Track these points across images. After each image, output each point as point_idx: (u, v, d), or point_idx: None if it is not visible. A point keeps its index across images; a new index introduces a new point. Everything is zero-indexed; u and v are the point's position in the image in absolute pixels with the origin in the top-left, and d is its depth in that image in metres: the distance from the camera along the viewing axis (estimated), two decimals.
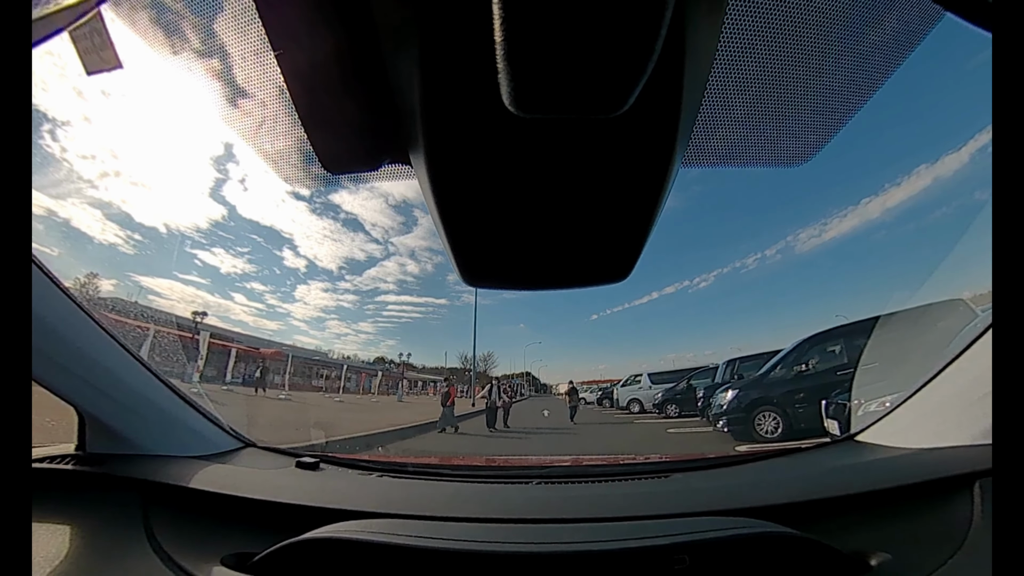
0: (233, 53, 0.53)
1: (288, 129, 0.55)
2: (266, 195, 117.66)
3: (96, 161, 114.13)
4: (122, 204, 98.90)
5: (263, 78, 0.52)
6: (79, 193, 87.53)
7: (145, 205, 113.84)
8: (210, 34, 0.54)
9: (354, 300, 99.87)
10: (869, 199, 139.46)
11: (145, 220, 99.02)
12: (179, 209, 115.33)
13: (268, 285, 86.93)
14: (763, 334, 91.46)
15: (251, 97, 0.54)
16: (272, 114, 0.54)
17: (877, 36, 0.52)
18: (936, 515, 0.84)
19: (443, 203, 0.45)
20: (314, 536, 0.77)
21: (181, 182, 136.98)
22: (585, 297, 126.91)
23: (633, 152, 0.41)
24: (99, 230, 72.02)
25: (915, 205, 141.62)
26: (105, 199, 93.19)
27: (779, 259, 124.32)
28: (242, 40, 0.51)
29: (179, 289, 64.92)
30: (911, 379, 1.10)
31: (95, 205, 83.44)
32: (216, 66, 0.55)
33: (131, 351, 1.08)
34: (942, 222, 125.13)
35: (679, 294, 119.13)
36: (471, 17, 0.31)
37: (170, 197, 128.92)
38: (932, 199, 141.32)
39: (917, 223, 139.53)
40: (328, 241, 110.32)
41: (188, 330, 19.96)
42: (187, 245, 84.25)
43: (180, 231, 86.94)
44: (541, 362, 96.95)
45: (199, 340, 19.69)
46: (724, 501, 0.93)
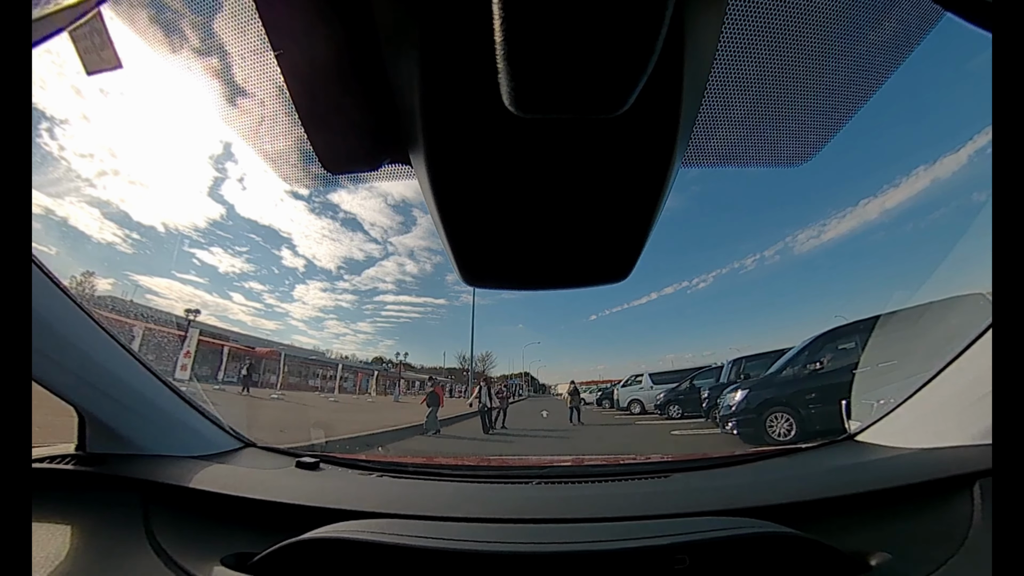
0: (233, 53, 0.53)
1: (288, 129, 0.55)
2: (264, 194, 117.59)
3: (94, 160, 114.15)
4: (120, 203, 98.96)
5: (263, 78, 0.52)
6: (77, 191, 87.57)
7: (143, 204, 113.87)
8: (210, 34, 0.54)
9: (352, 300, 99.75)
10: (868, 200, 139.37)
11: (143, 219, 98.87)
12: (177, 208, 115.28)
13: (266, 285, 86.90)
14: (762, 335, 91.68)
15: (251, 97, 0.54)
16: (272, 114, 0.54)
17: (877, 36, 0.52)
18: (936, 515, 0.84)
19: (443, 203, 0.45)
20: (314, 536, 0.77)
21: (180, 181, 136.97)
22: (584, 297, 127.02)
23: (633, 152, 0.41)
24: (97, 229, 72.05)
25: (914, 206, 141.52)
26: (103, 197, 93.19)
27: (778, 260, 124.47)
28: (242, 40, 0.51)
29: (177, 288, 64.90)
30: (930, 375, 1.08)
31: (93, 204, 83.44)
32: (216, 66, 0.55)
33: (131, 351, 1.08)
34: (942, 222, 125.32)
35: (678, 295, 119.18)
36: (471, 17, 0.31)
37: (169, 196, 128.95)
38: (931, 200, 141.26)
39: (916, 224, 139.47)
40: (327, 240, 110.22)
41: (180, 328, 19.79)
42: (185, 244, 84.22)
43: (178, 230, 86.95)
44: (540, 362, 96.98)
45: (188, 338, 19.57)
46: (724, 501, 0.92)
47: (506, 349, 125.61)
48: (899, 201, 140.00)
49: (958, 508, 0.83)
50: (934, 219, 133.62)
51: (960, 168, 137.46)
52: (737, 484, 1.08)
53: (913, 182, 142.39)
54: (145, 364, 1.12)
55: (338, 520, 0.82)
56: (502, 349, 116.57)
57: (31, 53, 0.48)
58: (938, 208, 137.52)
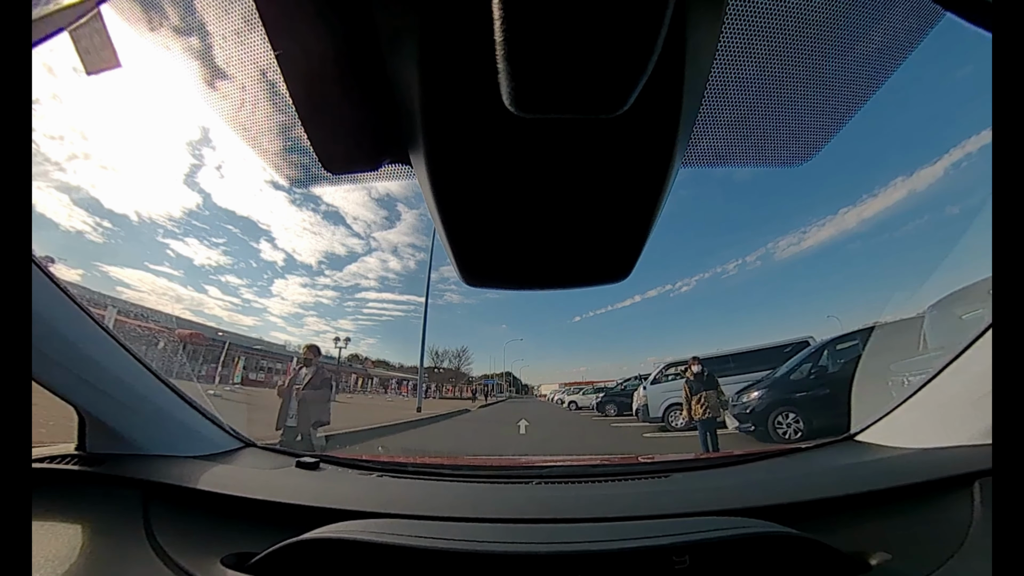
0: (232, 52, 0.53)
1: (288, 129, 0.54)
2: (242, 184, 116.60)
3: (65, 143, 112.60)
4: (92, 189, 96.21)
5: (263, 78, 0.52)
6: (45, 176, 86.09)
7: (116, 192, 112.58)
8: (210, 34, 0.54)
9: (334, 296, 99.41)
10: (867, 200, 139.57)
11: (115, 207, 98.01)
12: (152, 197, 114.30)
13: (244, 279, 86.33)
14: (756, 336, 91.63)
15: (250, 97, 0.54)
16: (272, 114, 0.54)
17: (877, 36, 0.52)
18: (936, 515, 0.84)
19: (443, 203, 0.45)
20: (314, 536, 0.77)
21: (156, 171, 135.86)
22: (569, 298, 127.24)
23: (633, 152, 0.41)
24: (65, 216, 70.95)
25: (914, 206, 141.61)
26: (76, 183, 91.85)
27: (759, 266, 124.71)
28: (242, 40, 0.51)
29: (150, 281, 64.26)
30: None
31: (64, 190, 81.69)
32: (216, 65, 0.55)
33: (131, 351, 1.08)
34: (942, 222, 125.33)
35: (660, 298, 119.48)
36: (471, 17, 0.31)
37: (144, 185, 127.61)
38: (930, 201, 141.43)
39: (915, 223, 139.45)
40: (308, 234, 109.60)
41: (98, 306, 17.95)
42: (159, 234, 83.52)
43: (152, 219, 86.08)
44: (523, 361, 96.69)
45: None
46: (724, 501, 0.92)
47: (489, 350, 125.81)
48: (898, 199, 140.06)
49: (958, 508, 0.83)
50: (936, 218, 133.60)
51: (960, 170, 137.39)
52: (737, 484, 1.08)
53: (913, 182, 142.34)
54: (145, 364, 1.12)
55: (338, 520, 0.82)
56: (485, 349, 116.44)
57: (31, 53, 0.48)
58: (939, 208, 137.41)
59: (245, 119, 0.56)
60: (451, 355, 54.77)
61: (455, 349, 57.59)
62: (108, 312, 17.71)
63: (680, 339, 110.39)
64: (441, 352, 53.46)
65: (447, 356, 54.04)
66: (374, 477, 1.21)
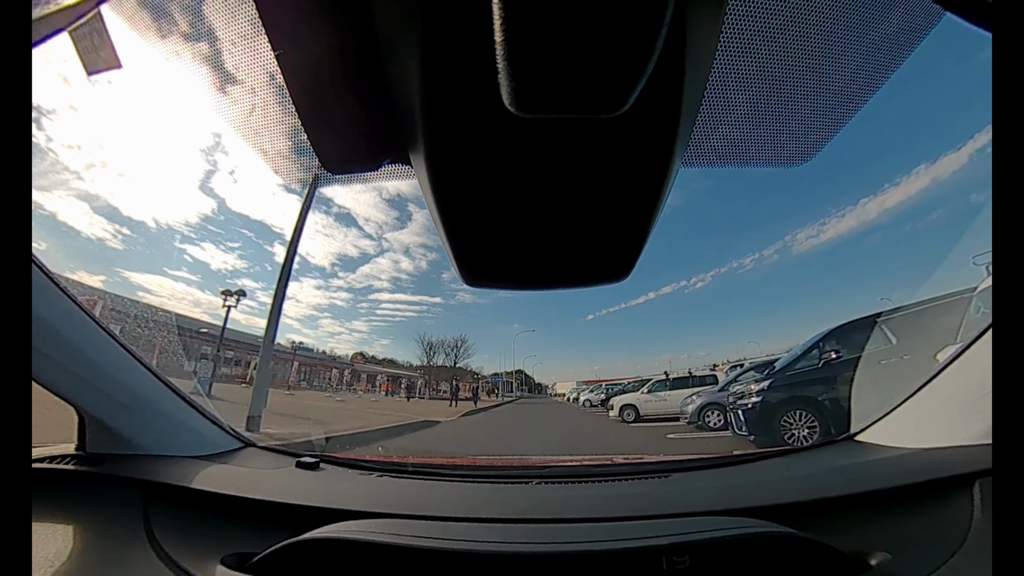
0: (233, 53, 0.53)
1: (288, 129, 0.55)
2: (256, 189, 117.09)
3: (82, 152, 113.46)
4: (110, 197, 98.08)
5: (263, 78, 0.52)
6: (65, 185, 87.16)
7: (135, 201, 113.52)
8: (210, 34, 0.54)
9: (347, 298, 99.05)
10: (867, 200, 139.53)
11: (133, 214, 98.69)
12: (169, 204, 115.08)
13: (260, 282, 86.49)
14: (772, 335, 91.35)
15: (251, 97, 0.54)
16: (272, 114, 0.54)
17: (877, 36, 0.52)
18: (936, 515, 0.84)
19: (443, 203, 0.45)
20: (314, 536, 0.77)
21: (172, 178, 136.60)
22: (581, 297, 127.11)
23: (633, 152, 0.41)
24: (87, 224, 71.71)
25: (913, 207, 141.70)
26: (95, 193, 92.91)
27: (776, 259, 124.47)
28: (242, 40, 0.51)
29: (169, 286, 64.59)
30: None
31: (83, 198, 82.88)
32: (216, 66, 0.55)
33: (131, 351, 1.08)
34: (941, 223, 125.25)
35: (675, 294, 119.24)
36: (471, 17, 0.31)
37: (160, 192, 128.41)
38: (932, 199, 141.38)
39: (914, 224, 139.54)
40: (320, 236, 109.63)
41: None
42: (177, 240, 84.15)
43: (170, 226, 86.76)
44: (535, 358, 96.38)
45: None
46: (724, 501, 0.92)
47: (502, 349, 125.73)
48: (898, 201, 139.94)
49: (958, 508, 0.83)
50: (935, 218, 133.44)
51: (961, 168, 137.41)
52: (737, 484, 1.08)
53: (914, 181, 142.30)
54: (145, 364, 1.12)
55: (338, 520, 0.82)
56: (497, 349, 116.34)
57: (31, 53, 0.48)
58: (940, 207, 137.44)
59: (246, 119, 0.56)
60: (446, 347, 45.71)
61: (451, 339, 50.78)
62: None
63: (696, 336, 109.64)
64: (435, 343, 45.73)
65: (441, 348, 45.33)
66: (374, 477, 1.21)
